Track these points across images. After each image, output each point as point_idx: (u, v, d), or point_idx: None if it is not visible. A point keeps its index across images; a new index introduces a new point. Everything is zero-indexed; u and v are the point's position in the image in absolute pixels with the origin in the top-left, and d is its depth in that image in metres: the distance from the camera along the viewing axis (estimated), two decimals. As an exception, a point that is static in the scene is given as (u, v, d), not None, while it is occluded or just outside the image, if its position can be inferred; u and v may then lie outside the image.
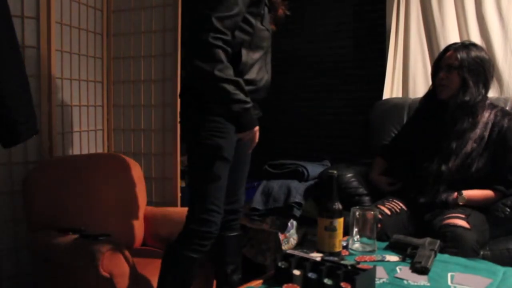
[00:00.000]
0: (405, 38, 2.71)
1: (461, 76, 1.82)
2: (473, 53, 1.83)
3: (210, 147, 1.52)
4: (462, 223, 1.62)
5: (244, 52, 1.50)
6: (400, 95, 2.74)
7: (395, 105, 2.52)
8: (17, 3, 1.98)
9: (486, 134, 1.82)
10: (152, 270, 1.77)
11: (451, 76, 1.84)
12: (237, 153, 1.65)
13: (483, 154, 1.81)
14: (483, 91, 1.84)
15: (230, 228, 1.76)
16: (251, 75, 1.54)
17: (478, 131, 1.82)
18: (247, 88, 1.48)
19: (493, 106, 1.89)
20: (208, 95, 1.47)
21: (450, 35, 2.54)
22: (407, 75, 2.72)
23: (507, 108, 2.15)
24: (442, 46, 2.52)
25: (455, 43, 1.93)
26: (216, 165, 1.53)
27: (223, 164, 1.55)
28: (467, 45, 1.87)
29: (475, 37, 2.45)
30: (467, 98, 1.80)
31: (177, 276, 1.57)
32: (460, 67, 1.82)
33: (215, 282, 1.91)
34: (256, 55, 1.55)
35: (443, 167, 1.81)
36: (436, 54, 2.56)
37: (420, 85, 2.68)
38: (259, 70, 1.57)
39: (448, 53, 1.88)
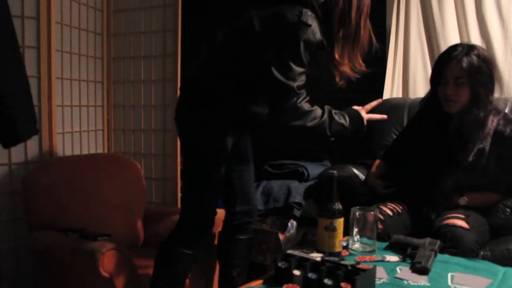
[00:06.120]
0: (405, 38, 2.71)
1: (471, 90, 1.72)
2: (477, 59, 1.72)
3: (206, 145, 1.54)
4: (462, 223, 1.62)
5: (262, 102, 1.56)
6: (400, 96, 2.73)
7: (395, 106, 2.51)
8: (17, 3, 1.98)
9: (488, 143, 1.77)
10: (152, 270, 1.77)
11: (460, 91, 1.73)
12: (240, 152, 1.68)
13: (486, 163, 1.78)
14: (491, 98, 1.77)
15: (243, 231, 1.76)
16: (255, 108, 1.58)
17: (480, 141, 1.77)
18: (241, 115, 1.56)
19: (496, 111, 1.82)
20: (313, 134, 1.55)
21: (450, 35, 2.53)
22: (407, 76, 2.71)
23: (507, 108, 2.14)
24: (442, 46, 2.52)
25: (454, 49, 1.78)
26: (212, 165, 1.55)
27: (217, 164, 1.56)
28: (468, 52, 1.74)
29: (475, 37, 2.45)
30: (482, 114, 1.72)
31: (172, 273, 1.58)
32: (470, 81, 1.71)
33: (215, 281, 1.91)
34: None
35: (450, 182, 1.78)
36: (436, 55, 2.55)
37: (420, 86, 2.68)
38: (263, 104, 1.59)
39: (452, 64, 1.73)
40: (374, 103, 1.72)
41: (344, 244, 1.52)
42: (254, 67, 1.47)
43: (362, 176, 2.19)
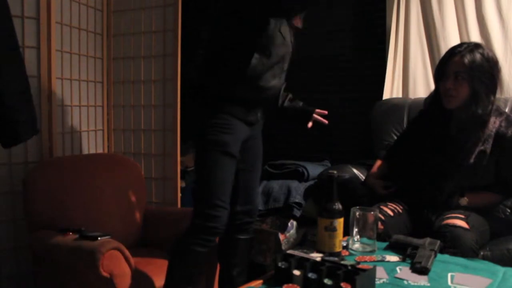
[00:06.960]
0: (405, 38, 2.71)
1: (470, 86, 1.72)
2: (481, 57, 1.71)
3: (215, 142, 1.56)
4: (461, 223, 1.62)
5: (256, 56, 1.53)
6: (400, 95, 2.73)
7: (395, 105, 2.51)
8: (17, 3, 1.98)
9: (489, 144, 1.76)
10: (152, 270, 1.77)
11: (460, 86, 1.73)
12: (249, 151, 1.70)
13: (487, 164, 1.77)
14: (493, 98, 1.76)
15: (243, 231, 1.77)
16: (260, 81, 1.57)
17: (482, 142, 1.77)
18: (254, 93, 1.58)
19: (498, 113, 1.80)
20: None
21: (450, 35, 2.53)
22: (407, 75, 2.71)
23: (508, 108, 2.14)
24: (442, 46, 2.52)
25: (459, 46, 1.79)
26: (221, 160, 1.57)
27: (228, 160, 1.58)
28: (472, 49, 1.72)
29: (475, 37, 2.45)
30: (479, 111, 1.72)
31: (185, 270, 1.60)
32: (470, 77, 1.71)
33: (215, 281, 1.91)
34: (269, 61, 1.57)
35: (451, 183, 1.78)
36: (436, 54, 2.57)
37: (420, 85, 2.68)
38: (271, 77, 1.60)
39: (455, 59, 1.74)
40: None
41: (344, 244, 1.52)
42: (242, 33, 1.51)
43: (362, 177, 2.19)
